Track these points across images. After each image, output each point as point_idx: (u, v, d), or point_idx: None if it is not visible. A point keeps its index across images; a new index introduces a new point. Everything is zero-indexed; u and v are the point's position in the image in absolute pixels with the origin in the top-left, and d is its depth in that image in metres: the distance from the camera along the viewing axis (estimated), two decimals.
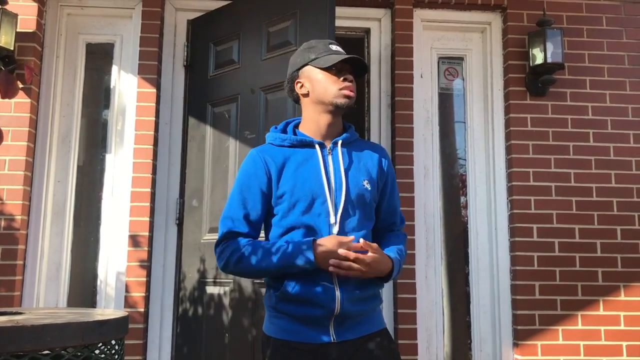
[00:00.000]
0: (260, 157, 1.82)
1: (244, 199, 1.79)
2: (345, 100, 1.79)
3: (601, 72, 3.34)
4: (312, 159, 1.81)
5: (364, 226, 1.82)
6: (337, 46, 1.87)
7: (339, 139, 1.85)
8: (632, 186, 3.24)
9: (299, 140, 1.84)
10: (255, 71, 2.99)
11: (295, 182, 1.78)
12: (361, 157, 1.88)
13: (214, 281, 3.04)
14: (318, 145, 1.83)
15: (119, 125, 3.25)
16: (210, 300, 3.07)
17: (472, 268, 3.29)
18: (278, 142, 1.86)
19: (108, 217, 3.18)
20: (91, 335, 1.54)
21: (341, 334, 1.73)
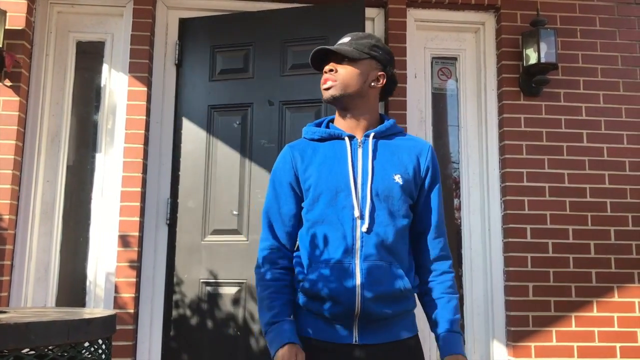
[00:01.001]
0: (289, 152, 1.81)
1: (277, 194, 1.80)
2: (325, 93, 1.76)
3: (595, 73, 3.33)
4: (340, 152, 1.76)
5: (394, 222, 1.69)
6: (342, 39, 1.80)
7: (372, 131, 1.77)
8: (625, 187, 3.23)
9: (329, 133, 1.79)
10: (273, 85, 3.19)
11: (320, 175, 1.73)
12: (396, 151, 1.78)
13: (217, 282, 3.08)
14: (348, 138, 1.77)
15: (109, 124, 3.22)
16: (211, 301, 3.08)
17: (465, 269, 3.27)
18: (309, 135, 1.82)
19: (98, 217, 3.14)
20: (77, 334, 1.51)
21: (364, 337, 1.65)
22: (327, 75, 1.75)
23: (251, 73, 3.25)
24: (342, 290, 1.63)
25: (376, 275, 1.64)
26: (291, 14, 3.26)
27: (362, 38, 1.79)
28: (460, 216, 3.33)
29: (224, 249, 3.12)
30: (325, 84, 1.75)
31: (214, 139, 3.20)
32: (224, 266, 3.10)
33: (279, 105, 3.20)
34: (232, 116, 3.23)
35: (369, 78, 1.77)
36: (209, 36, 3.29)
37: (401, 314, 1.69)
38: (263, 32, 3.26)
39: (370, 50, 1.77)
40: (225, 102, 3.23)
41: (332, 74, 1.74)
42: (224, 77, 3.26)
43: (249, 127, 3.20)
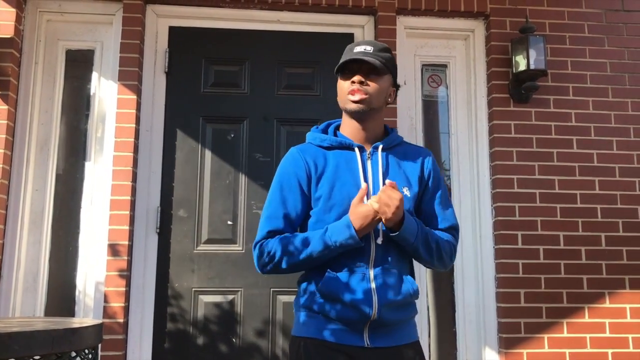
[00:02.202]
0: (301, 157, 1.79)
1: (284, 198, 1.77)
2: (352, 105, 1.75)
3: (584, 79, 3.35)
4: (351, 163, 1.78)
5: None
6: (364, 46, 1.79)
7: (380, 143, 1.80)
8: (615, 193, 3.24)
9: (339, 142, 1.80)
10: (268, 102, 3.31)
11: (333, 185, 1.75)
12: (401, 163, 1.83)
13: (211, 291, 3.10)
14: (358, 149, 1.78)
15: (99, 132, 3.20)
16: (204, 310, 3.09)
17: (457, 276, 3.27)
18: (317, 142, 1.82)
19: (87, 226, 3.12)
20: (62, 344, 1.49)
21: (375, 340, 1.71)
22: (357, 87, 1.74)
23: (245, 88, 3.33)
24: (360, 297, 1.68)
25: (389, 283, 1.71)
26: (286, 36, 3.38)
27: (383, 51, 1.80)
28: None
29: (219, 258, 3.12)
30: (355, 96, 1.74)
31: (205, 150, 3.23)
32: (218, 275, 3.10)
33: (274, 122, 3.30)
34: (225, 128, 3.27)
35: (387, 94, 1.81)
36: (200, 47, 3.33)
37: (408, 320, 1.79)
38: (258, 50, 3.37)
39: (390, 65, 1.80)
40: (218, 114, 3.28)
41: (363, 87, 1.74)
42: (217, 89, 3.31)
43: (244, 141, 3.26)
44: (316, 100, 3.35)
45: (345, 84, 1.77)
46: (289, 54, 3.38)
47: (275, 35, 3.38)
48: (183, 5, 3.30)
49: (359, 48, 1.79)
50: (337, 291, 1.69)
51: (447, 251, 1.83)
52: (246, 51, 3.35)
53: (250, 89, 3.32)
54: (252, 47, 3.35)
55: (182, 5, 3.30)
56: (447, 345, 3.22)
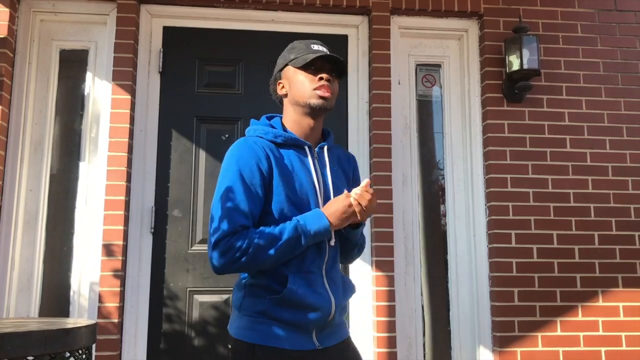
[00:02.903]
0: (261, 148, 1.69)
1: (249, 193, 1.64)
2: (319, 101, 1.71)
3: (577, 79, 3.37)
4: (305, 161, 1.75)
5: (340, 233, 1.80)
6: (319, 46, 1.80)
7: (325, 144, 1.82)
8: (608, 192, 3.26)
9: (293, 139, 1.75)
10: (262, 103, 3.27)
11: (292, 183, 1.69)
12: (340, 163, 1.88)
13: (206, 290, 3.10)
14: (307, 148, 1.77)
15: (93, 132, 3.20)
16: (199, 310, 3.09)
17: (451, 275, 3.28)
18: (270, 137, 1.74)
19: (81, 226, 3.11)
20: (55, 344, 1.50)
21: (323, 341, 1.69)
22: (326, 84, 1.73)
23: (239, 89, 3.34)
24: (323, 299, 1.67)
25: (338, 283, 1.76)
26: (280, 36, 3.36)
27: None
28: (445, 222, 3.34)
29: None
30: (325, 93, 1.72)
31: (200, 150, 3.23)
32: (213, 275, 3.11)
33: None
34: (219, 129, 3.27)
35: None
36: (194, 47, 3.33)
37: (345, 317, 1.91)
38: (251, 50, 3.37)
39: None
40: (212, 115, 3.29)
41: (330, 85, 1.74)
42: (211, 90, 3.32)
43: None
44: None
45: (309, 78, 1.74)
46: None
47: (270, 35, 3.38)
48: (177, 5, 3.30)
49: (319, 47, 1.80)
50: (304, 295, 1.63)
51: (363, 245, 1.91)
52: (240, 51, 3.35)
53: (245, 89, 3.33)
54: (246, 48, 3.36)
55: (176, 5, 3.30)
56: (442, 344, 3.23)
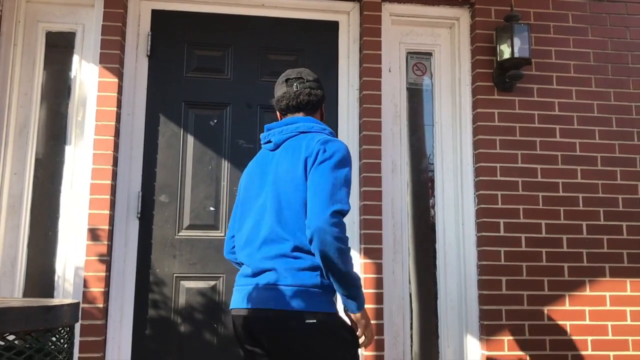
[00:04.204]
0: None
1: (349, 189, 1.86)
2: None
3: (567, 69, 3.36)
4: None
5: None
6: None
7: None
8: (597, 182, 3.26)
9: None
10: (251, 88, 3.29)
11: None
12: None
13: (192, 277, 3.08)
14: None
15: (80, 116, 3.15)
16: (186, 295, 3.07)
17: (439, 263, 3.27)
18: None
19: (67, 211, 3.07)
20: (36, 321, 1.46)
21: None
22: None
23: (228, 74, 3.30)
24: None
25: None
26: (270, 22, 3.36)
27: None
28: (434, 210, 3.33)
29: (201, 244, 3.10)
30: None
31: (188, 135, 3.20)
32: (200, 261, 3.08)
33: (257, 109, 3.27)
34: (208, 114, 3.24)
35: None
36: (183, 31, 3.29)
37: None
38: (241, 35, 3.34)
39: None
40: (201, 100, 3.25)
41: None
42: (199, 74, 3.28)
43: (226, 127, 3.24)
44: None
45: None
46: (273, 40, 3.36)
47: (260, 20, 3.35)
48: None
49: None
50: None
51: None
52: (230, 36, 3.32)
53: (234, 74, 3.30)
54: (235, 33, 3.32)
55: None
56: (429, 332, 3.23)
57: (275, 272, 1.80)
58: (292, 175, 1.85)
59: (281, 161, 1.91)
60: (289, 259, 1.81)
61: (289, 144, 1.94)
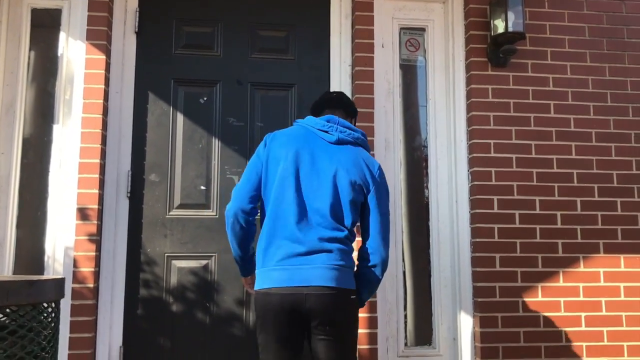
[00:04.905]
0: None
1: None
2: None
3: (562, 44, 3.32)
4: None
5: None
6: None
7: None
8: (592, 158, 3.24)
9: None
10: (241, 65, 3.24)
11: None
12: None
13: (184, 256, 3.06)
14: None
15: (67, 94, 3.10)
16: (177, 275, 3.05)
17: (433, 241, 3.25)
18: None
19: (56, 191, 3.03)
20: (18, 295, 1.44)
21: None
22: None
23: (218, 51, 3.25)
24: None
25: None
26: None
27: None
28: (428, 188, 3.30)
29: (192, 223, 3.07)
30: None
31: (177, 113, 3.15)
32: (191, 240, 3.06)
33: (248, 86, 3.22)
34: (197, 91, 3.19)
35: None
36: (171, 7, 3.24)
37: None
38: (230, 11, 3.28)
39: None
40: (190, 77, 3.20)
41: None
42: (188, 51, 3.22)
43: (217, 105, 3.20)
44: (291, 64, 3.28)
45: None
46: (263, 16, 3.30)
47: None
48: None
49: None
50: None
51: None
52: (219, 12, 3.26)
53: (223, 51, 3.24)
54: (224, 8, 3.26)
55: None
56: (423, 309, 3.21)
57: (333, 254, 2.02)
58: (354, 185, 2.10)
59: (348, 166, 2.11)
60: (344, 245, 2.07)
61: (352, 150, 2.17)
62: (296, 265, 1.99)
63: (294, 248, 2.00)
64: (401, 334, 3.14)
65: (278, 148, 2.13)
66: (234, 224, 2.11)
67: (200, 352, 2.99)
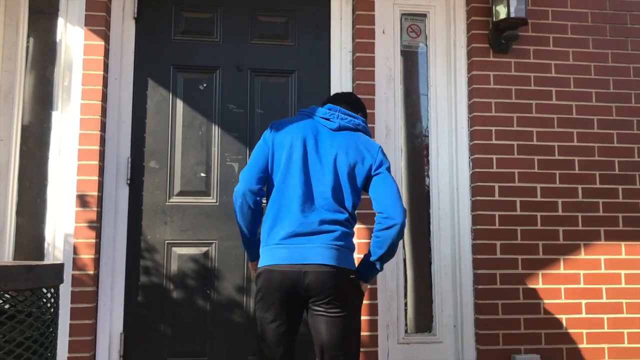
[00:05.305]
0: None
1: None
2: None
3: (564, 30, 3.29)
4: None
5: None
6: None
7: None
8: (593, 145, 3.22)
9: None
10: (241, 51, 3.21)
11: None
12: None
13: (184, 243, 3.06)
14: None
15: (66, 80, 3.08)
16: (177, 262, 3.05)
17: (433, 228, 3.24)
18: None
19: (55, 178, 3.02)
20: (16, 281, 1.43)
21: None
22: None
23: (217, 37, 3.22)
24: None
25: None
26: None
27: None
28: (428, 175, 3.29)
29: (192, 210, 3.06)
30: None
31: (177, 100, 3.14)
32: (192, 227, 3.06)
33: (247, 72, 3.20)
34: (197, 78, 3.17)
35: None
36: None
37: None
38: None
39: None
40: (189, 63, 3.18)
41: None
42: (188, 37, 3.20)
43: (216, 91, 3.18)
44: (291, 50, 3.26)
45: None
46: (262, 1, 3.27)
47: None
48: None
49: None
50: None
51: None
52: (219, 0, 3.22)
53: (223, 37, 3.22)
54: None
55: None
56: (423, 296, 3.21)
57: (333, 235, 2.08)
58: (354, 168, 2.15)
59: (349, 150, 2.16)
60: (344, 227, 2.12)
61: (351, 135, 2.21)
62: (297, 244, 2.07)
63: (296, 228, 2.08)
64: (401, 321, 3.14)
65: (284, 135, 2.20)
66: (242, 205, 2.16)
67: (200, 339, 3.00)
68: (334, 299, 2.04)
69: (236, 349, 3.01)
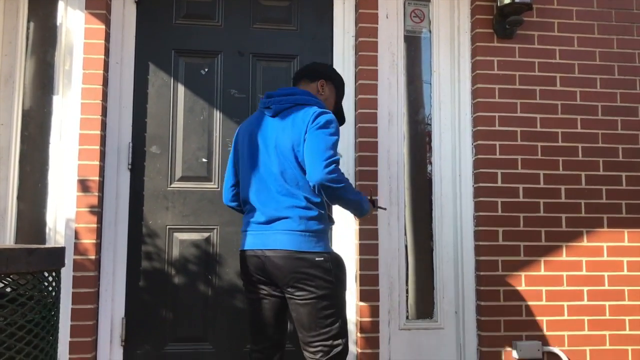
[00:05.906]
0: None
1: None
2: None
3: (569, 15, 3.26)
4: None
5: None
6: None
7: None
8: (597, 131, 3.20)
9: None
10: (243, 36, 3.19)
11: None
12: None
13: (185, 228, 3.06)
14: None
15: (67, 65, 3.06)
16: (179, 247, 3.04)
17: (435, 215, 3.23)
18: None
19: (56, 162, 3.01)
20: (17, 263, 1.42)
21: None
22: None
23: (219, 21, 3.19)
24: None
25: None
26: None
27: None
28: (431, 161, 3.28)
29: (193, 196, 3.06)
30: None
31: (178, 84, 3.12)
32: (193, 212, 3.05)
33: (249, 57, 3.17)
34: (198, 62, 3.15)
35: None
36: None
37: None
38: None
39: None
40: (191, 47, 3.16)
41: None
42: (189, 21, 3.17)
43: (218, 76, 3.16)
44: (293, 35, 3.23)
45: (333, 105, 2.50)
46: None
47: None
48: None
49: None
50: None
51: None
52: None
53: (225, 21, 3.19)
54: None
55: None
56: (425, 283, 3.21)
57: (290, 220, 2.14)
58: (294, 143, 2.14)
59: (285, 129, 2.18)
60: (301, 210, 2.14)
61: (288, 114, 2.22)
62: (259, 231, 2.20)
63: (257, 217, 2.22)
64: (403, 307, 3.14)
65: (241, 136, 2.37)
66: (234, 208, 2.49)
67: (202, 323, 3.00)
68: (297, 282, 2.11)
69: (237, 334, 3.01)
